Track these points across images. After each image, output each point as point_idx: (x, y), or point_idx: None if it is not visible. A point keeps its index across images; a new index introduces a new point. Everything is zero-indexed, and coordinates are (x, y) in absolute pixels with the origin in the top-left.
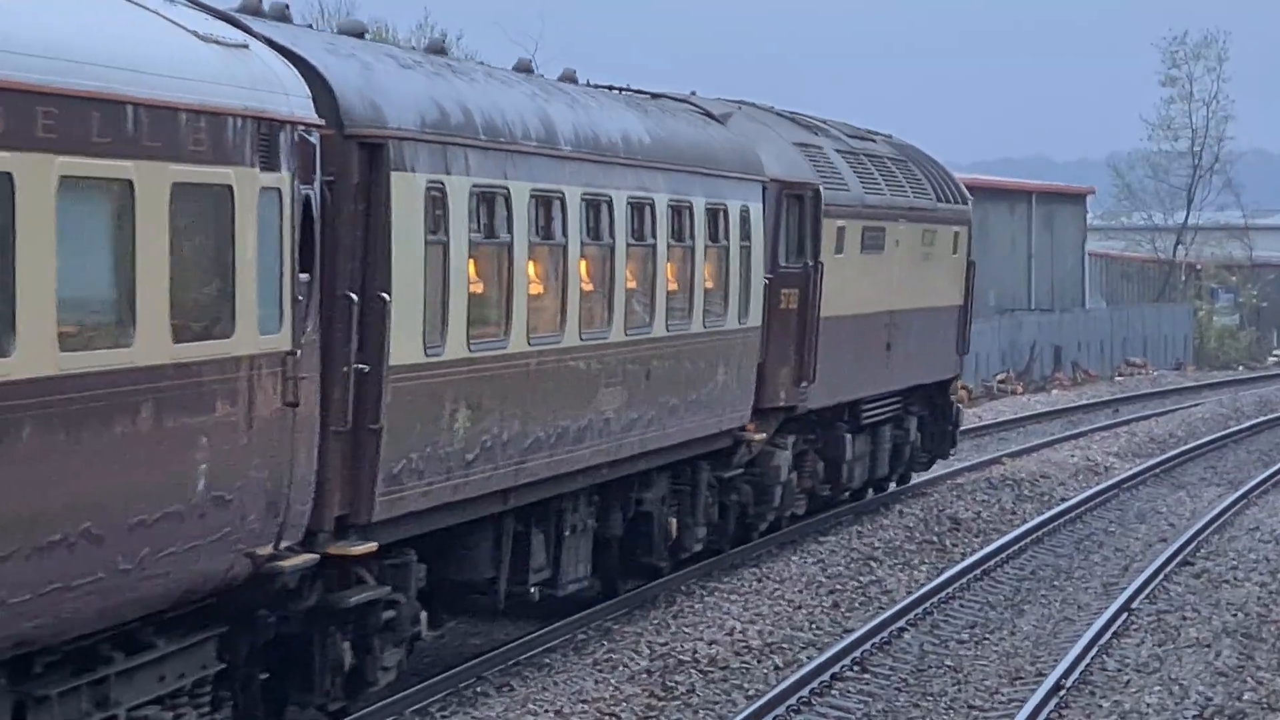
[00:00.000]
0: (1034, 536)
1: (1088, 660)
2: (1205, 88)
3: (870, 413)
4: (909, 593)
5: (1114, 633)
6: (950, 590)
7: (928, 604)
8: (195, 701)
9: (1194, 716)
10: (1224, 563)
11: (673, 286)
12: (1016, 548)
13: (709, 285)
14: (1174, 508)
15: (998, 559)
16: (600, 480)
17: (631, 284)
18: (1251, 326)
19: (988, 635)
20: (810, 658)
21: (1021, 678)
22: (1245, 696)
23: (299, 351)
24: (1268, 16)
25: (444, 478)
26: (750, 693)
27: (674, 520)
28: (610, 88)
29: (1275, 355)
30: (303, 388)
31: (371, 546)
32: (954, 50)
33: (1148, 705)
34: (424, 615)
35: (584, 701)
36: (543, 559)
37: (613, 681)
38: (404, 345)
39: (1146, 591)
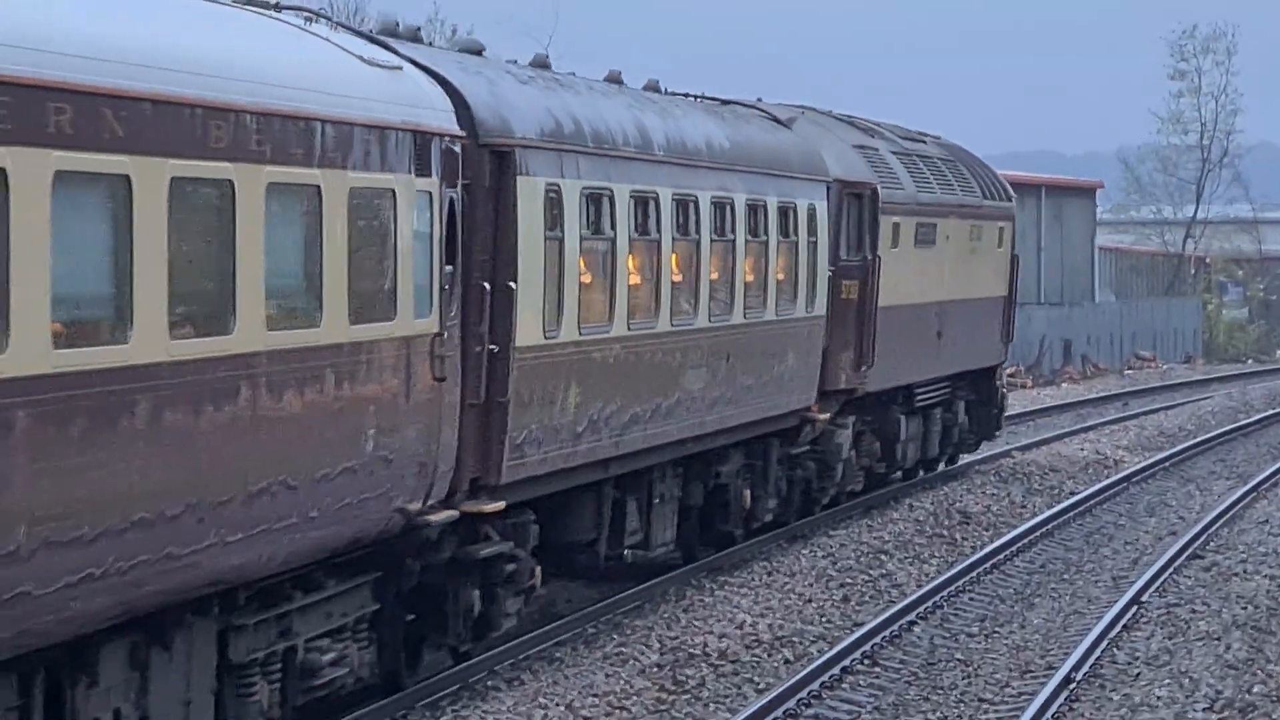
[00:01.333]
0: (1044, 530)
1: (1098, 653)
2: (1214, 81)
3: (922, 396)
4: (919, 586)
5: (1124, 626)
6: (960, 584)
7: (938, 597)
8: (355, 637)
9: (1204, 709)
10: (1234, 556)
11: (749, 278)
12: (1026, 541)
13: (780, 277)
14: (1183, 501)
15: (1008, 552)
16: (685, 454)
17: (714, 275)
18: (1260, 320)
19: (998, 629)
20: (821, 651)
21: (1031, 671)
22: (1255, 689)
23: (445, 333)
24: (1277, 10)
25: (557, 447)
26: (760, 686)
27: (748, 492)
28: (686, 95)
29: None
30: (447, 365)
31: (500, 505)
32: (961, 47)
33: (1158, 698)
34: (538, 570)
35: (594, 695)
36: (636, 524)
37: (623, 675)
38: (527, 329)
39: (1156, 585)
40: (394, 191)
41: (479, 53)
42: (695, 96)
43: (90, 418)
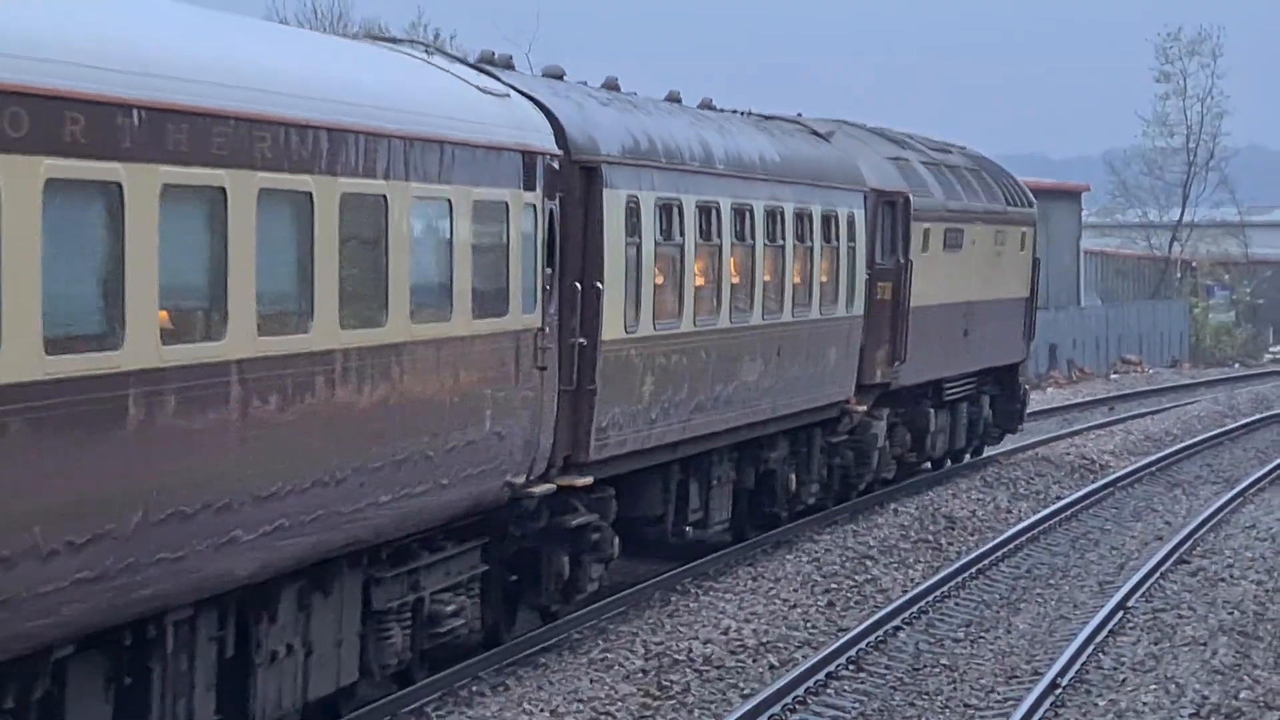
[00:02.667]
0: (1030, 535)
1: (1084, 659)
2: (1200, 84)
3: (950, 391)
4: (904, 591)
5: (1110, 631)
6: (946, 589)
7: (923, 603)
8: (468, 593)
9: (1190, 715)
10: (1220, 561)
11: (796, 280)
12: (1012, 546)
13: (824, 279)
14: (1170, 506)
15: (993, 558)
16: (739, 440)
17: (767, 277)
18: (1247, 323)
19: (983, 634)
20: (806, 657)
21: (1017, 676)
22: (1241, 695)
23: (546, 328)
24: (1262, 12)
25: (634, 430)
26: (745, 692)
27: (793, 476)
28: (735, 111)
29: (1271, 352)
30: (547, 355)
31: (589, 480)
32: (949, 50)
33: (1144, 704)
34: (616, 540)
35: (579, 701)
36: (697, 503)
37: (608, 680)
38: (611, 324)
39: (1143, 590)
40: (507, 204)
41: (560, 76)
42: (742, 113)
43: (283, 394)
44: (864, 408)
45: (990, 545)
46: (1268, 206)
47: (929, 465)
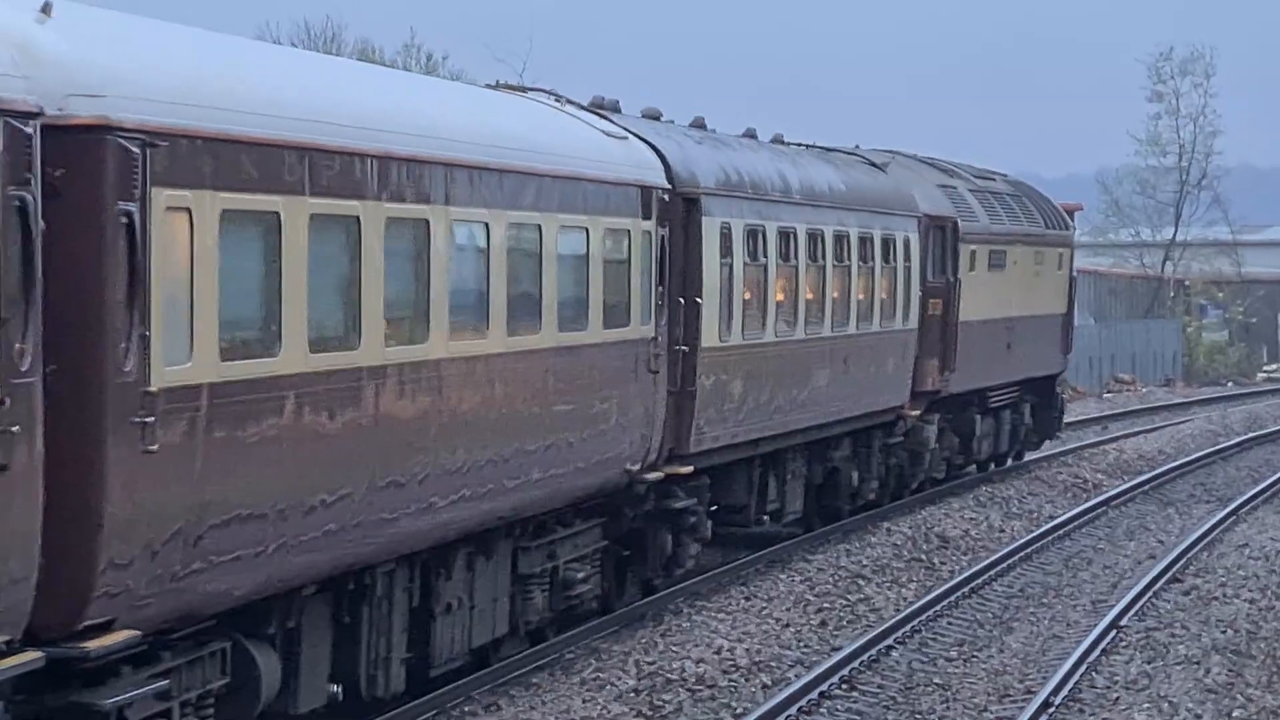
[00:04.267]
0: (1022, 554)
1: (1077, 678)
2: (1192, 103)
3: (994, 399)
4: (897, 611)
5: (1103, 650)
6: (939, 608)
7: (916, 622)
8: (592, 564)
9: None
10: (1213, 580)
11: (860, 296)
12: (1005, 565)
13: (883, 296)
14: (1163, 525)
15: (986, 577)
16: (809, 440)
17: (835, 294)
18: (1240, 342)
19: (976, 653)
20: (798, 676)
21: (1010, 695)
22: (1235, 714)
23: (658, 336)
24: (1255, 31)
25: (726, 428)
26: (738, 711)
27: (855, 474)
28: (800, 144)
29: (1265, 371)
30: (659, 361)
31: (690, 469)
32: (943, 67)
33: None
34: (709, 524)
35: None
36: (774, 494)
37: (600, 701)
38: (708, 334)
39: (1136, 609)
40: (629, 231)
41: (657, 117)
42: (806, 146)
43: (470, 386)
44: (917, 413)
45: (983, 564)
46: (1260, 225)
47: (974, 467)
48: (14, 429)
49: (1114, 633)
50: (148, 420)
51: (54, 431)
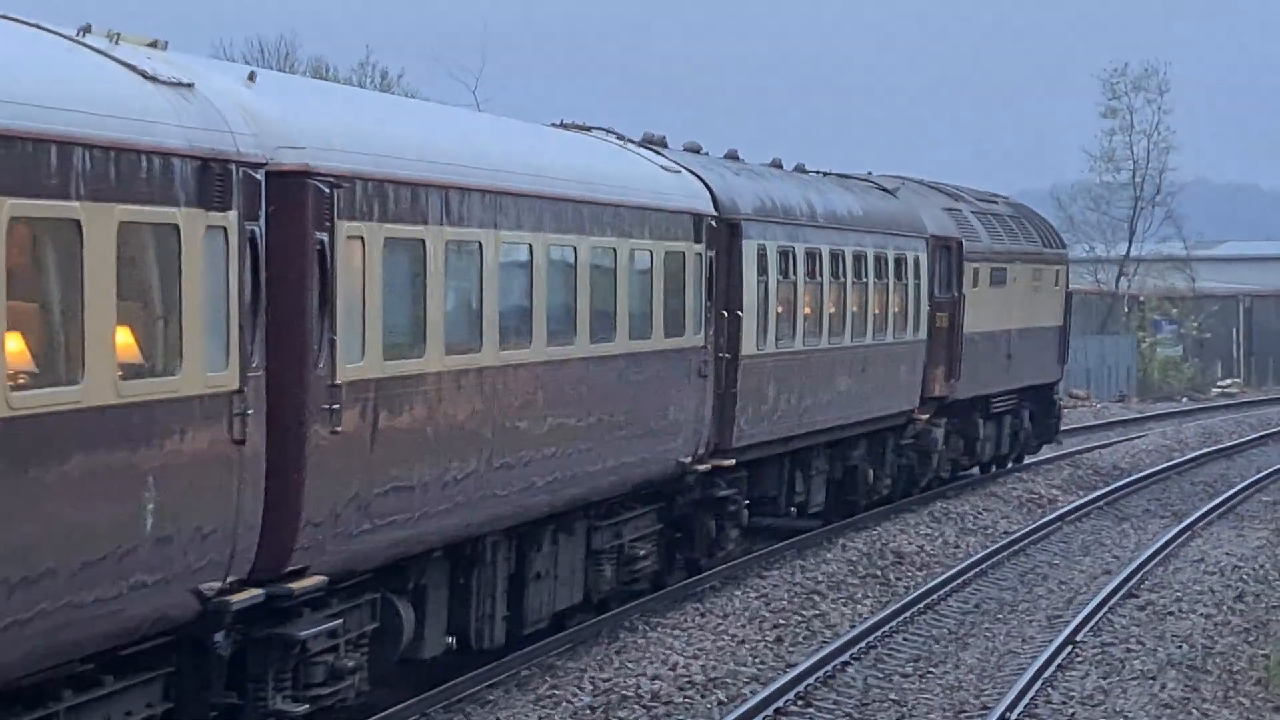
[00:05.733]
0: (978, 570)
1: (1032, 693)
2: (1146, 119)
3: (996, 405)
4: (852, 627)
5: (1058, 665)
6: (894, 624)
7: (871, 638)
8: (650, 542)
9: None
10: (1168, 595)
11: (876, 310)
12: (960, 581)
13: (896, 309)
14: (1118, 540)
15: (941, 592)
16: (831, 439)
17: (854, 308)
18: (1195, 358)
19: (932, 669)
20: (754, 692)
21: (966, 711)
22: None
23: (707, 345)
24: (1207, 47)
25: (761, 426)
26: None
27: (870, 471)
28: (818, 172)
29: (1219, 387)
30: (707, 366)
31: (732, 462)
32: (898, 84)
33: None
34: (746, 512)
35: None
36: (801, 487)
37: (556, 717)
38: (748, 343)
39: (1091, 624)
40: (684, 253)
41: (699, 150)
42: (823, 173)
43: (563, 384)
44: (926, 416)
45: (938, 580)
46: (1214, 241)
47: (978, 468)
48: (249, 412)
49: (1070, 648)
50: (334, 408)
51: (271, 416)
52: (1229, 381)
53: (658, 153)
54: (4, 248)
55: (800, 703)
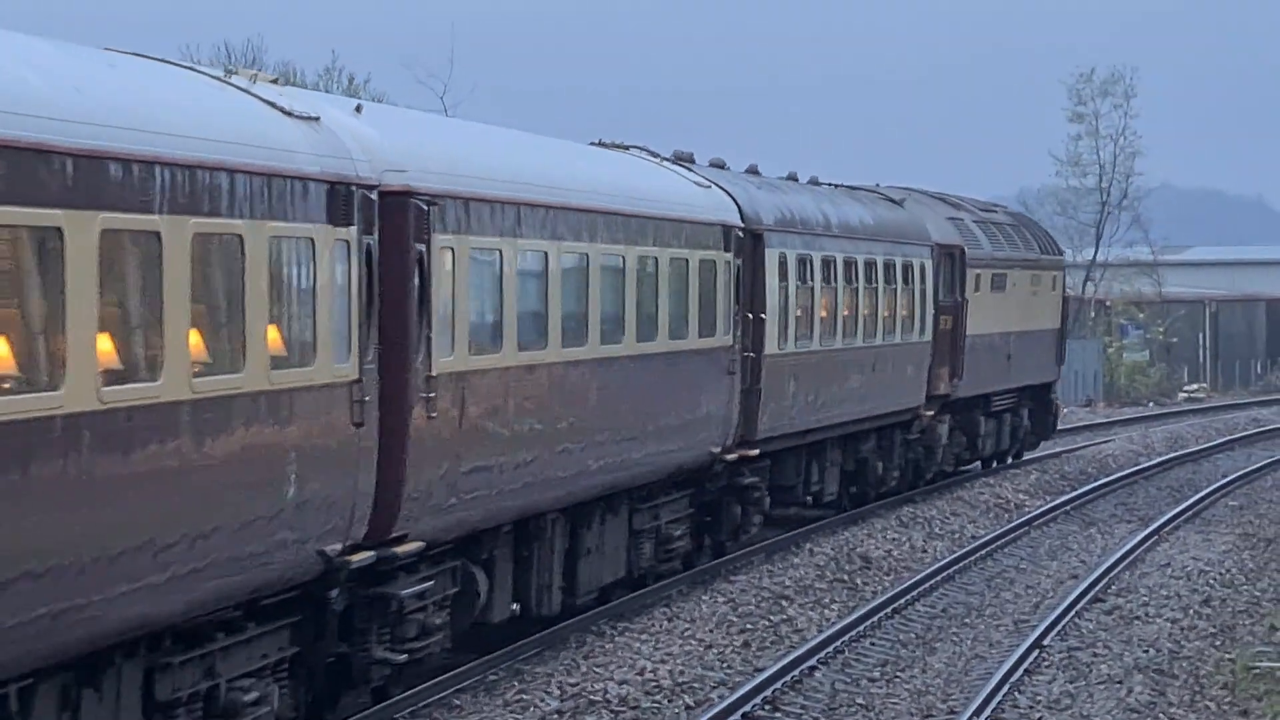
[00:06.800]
0: (945, 574)
1: (999, 698)
2: (1113, 124)
3: (997, 403)
4: (820, 631)
5: (1025, 670)
6: (861, 629)
7: (839, 642)
8: (684, 524)
9: None
10: (1135, 599)
11: (885, 313)
12: (928, 586)
13: (904, 313)
14: (1085, 545)
15: (909, 597)
16: (844, 433)
17: (865, 311)
18: (1161, 362)
19: (899, 673)
20: (721, 697)
21: (933, 715)
22: None
23: (734, 345)
24: (1174, 52)
25: (782, 420)
26: None
27: (879, 464)
28: (830, 184)
29: (1185, 391)
30: (735, 364)
31: (756, 452)
32: (865, 91)
33: None
34: (768, 499)
35: None
36: (817, 477)
37: None
38: (770, 343)
39: (1058, 628)
40: (716, 261)
41: (723, 166)
42: (835, 185)
43: (626, 378)
44: (931, 413)
45: (906, 585)
46: (1181, 246)
47: (979, 463)
48: (365, 399)
49: (1036, 652)
50: (431, 396)
51: (381, 402)
52: (1195, 386)
53: (688, 168)
54: (189, 259)
55: (768, 707)
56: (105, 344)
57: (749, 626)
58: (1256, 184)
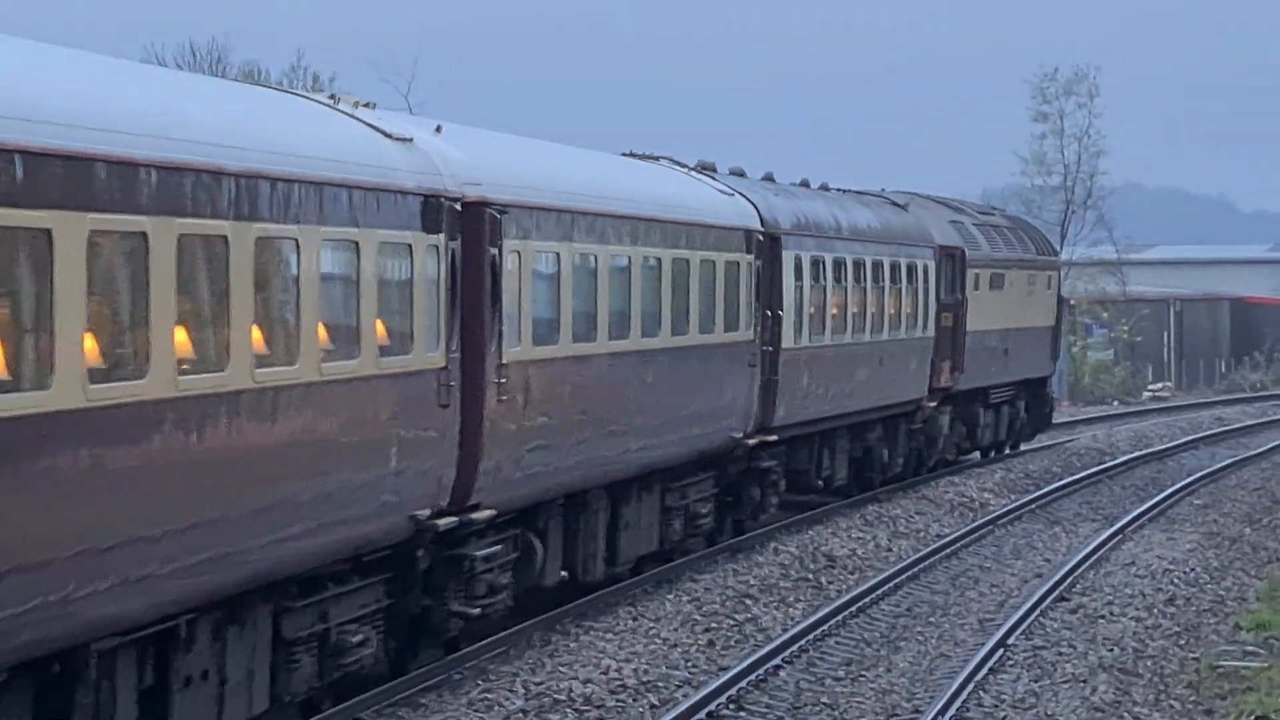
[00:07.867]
0: (910, 573)
1: (964, 697)
2: (1077, 123)
3: (995, 396)
4: (784, 630)
5: (990, 669)
6: (826, 628)
7: (804, 641)
8: (709, 503)
9: None
10: (1100, 598)
11: (891, 311)
12: (892, 585)
13: (908, 310)
14: (1050, 543)
15: (873, 596)
16: (852, 423)
17: (873, 309)
18: (1126, 361)
19: (864, 672)
20: (686, 696)
21: (898, 715)
22: None
23: (755, 339)
24: (1137, 52)
25: (798, 408)
26: None
27: (885, 451)
28: (838, 189)
29: (1150, 390)
30: (755, 357)
31: (774, 438)
32: (828, 90)
33: None
34: (783, 483)
35: None
36: (827, 464)
37: None
38: (786, 337)
39: (1023, 627)
40: (739, 262)
41: (742, 174)
42: (842, 190)
43: (656, 369)
44: (933, 405)
45: (871, 583)
46: (1145, 245)
47: (978, 452)
48: (451, 384)
49: (1001, 651)
50: (503, 381)
51: (462, 386)
52: (1160, 385)
53: (712, 177)
54: (317, 263)
55: (733, 706)
56: (257, 335)
57: (714, 625)
58: (1220, 184)
